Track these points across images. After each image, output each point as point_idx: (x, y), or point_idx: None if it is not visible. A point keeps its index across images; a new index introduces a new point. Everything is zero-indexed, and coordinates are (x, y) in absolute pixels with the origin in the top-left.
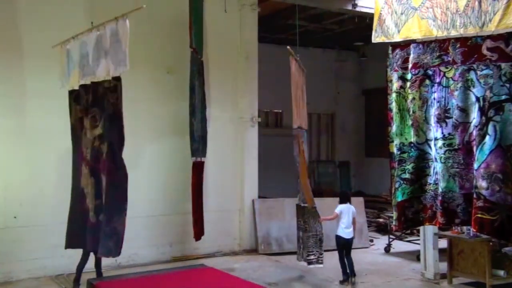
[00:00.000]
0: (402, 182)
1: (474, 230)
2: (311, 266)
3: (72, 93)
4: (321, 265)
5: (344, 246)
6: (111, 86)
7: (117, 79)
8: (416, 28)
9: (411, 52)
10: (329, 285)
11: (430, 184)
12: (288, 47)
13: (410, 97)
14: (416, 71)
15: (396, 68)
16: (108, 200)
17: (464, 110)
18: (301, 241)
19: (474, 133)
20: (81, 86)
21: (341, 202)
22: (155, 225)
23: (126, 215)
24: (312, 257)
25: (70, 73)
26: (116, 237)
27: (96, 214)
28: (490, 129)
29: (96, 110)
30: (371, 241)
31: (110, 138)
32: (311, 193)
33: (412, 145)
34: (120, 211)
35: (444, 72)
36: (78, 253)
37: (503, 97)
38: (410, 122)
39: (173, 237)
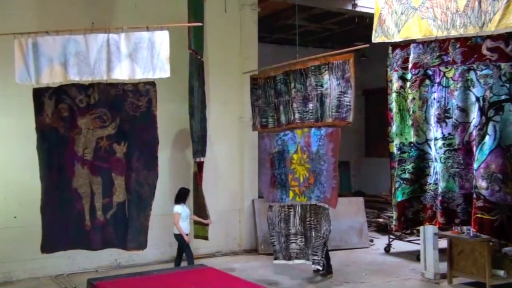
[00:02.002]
0: (402, 182)
1: (474, 230)
2: (313, 266)
3: (45, 90)
4: (320, 267)
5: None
6: (140, 90)
7: (150, 84)
8: (416, 28)
9: (411, 52)
10: (329, 284)
11: (430, 184)
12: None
13: (410, 97)
14: (416, 71)
15: (396, 68)
16: (133, 198)
17: (464, 110)
18: (308, 240)
19: (474, 133)
20: (72, 84)
21: None
22: (155, 225)
23: (151, 210)
24: (315, 257)
25: (42, 68)
26: (144, 231)
27: (103, 213)
28: (490, 129)
29: (104, 110)
30: (371, 241)
31: (132, 139)
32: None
33: (412, 145)
34: (147, 207)
35: (444, 72)
36: (77, 253)
37: (503, 97)
38: (410, 122)
39: (173, 237)
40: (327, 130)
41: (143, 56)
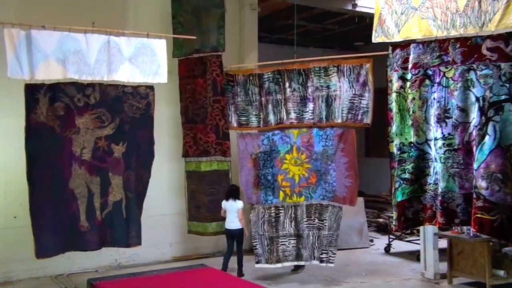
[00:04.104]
0: (402, 182)
1: (474, 230)
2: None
3: (40, 87)
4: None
5: None
6: (141, 92)
7: (150, 88)
8: (416, 28)
9: (411, 52)
10: (328, 284)
11: (430, 184)
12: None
13: (410, 97)
14: (416, 71)
15: (396, 68)
16: (133, 196)
17: (464, 110)
18: (305, 240)
19: (474, 133)
20: (71, 83)
21: None
22: (155, 225)
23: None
24: (324, 255)
25: (36, 64)
26: (140, 227)
27: (101, 212)
28: (489, 129)
29: (104, 111)
30: (371, 241)
31: (131, 139)
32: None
33: (412, 145)
34: (142, 204)
35: (444, 72)
36: (77, 253)
37: (503, 97)
38: (410, 122)
39: (173, 237)
40: (336, 130)
41: (144, 61)
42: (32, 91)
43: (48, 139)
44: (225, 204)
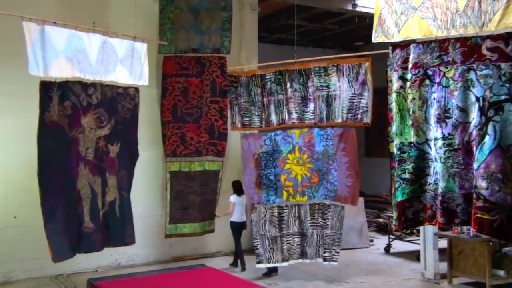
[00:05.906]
0: (402, 182)
1: (474, 230)
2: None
3: (53, 84)
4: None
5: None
6: (130, 94)
7: (136, 89)
8: (416, 28)
9: (411, 52)
10: (329, 284)
11: (430, 184)
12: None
13: (410, 97)
14: (416, 71)
15: (396, 68)
16: (126, 195)
17: (464, 110)
18: (309, 239)
19: (474, 133)
20: (78, 82)
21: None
22: (155, 225)
23: None
24: (327, 254)
25: (50, 60)
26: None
27: (102, 212)
28: (489, 129)
29: (102, 111)
30: (371, 241)
31: (123, 140)
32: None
33: (412, 145)
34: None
35: (444, 72)
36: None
37: (503, 97)
38: (410, 122)
39: (173, 237)
40: (337, 130)
41: (132, 63)
42: (47, 88)
43: (59, 139)
44: (235, 199)
